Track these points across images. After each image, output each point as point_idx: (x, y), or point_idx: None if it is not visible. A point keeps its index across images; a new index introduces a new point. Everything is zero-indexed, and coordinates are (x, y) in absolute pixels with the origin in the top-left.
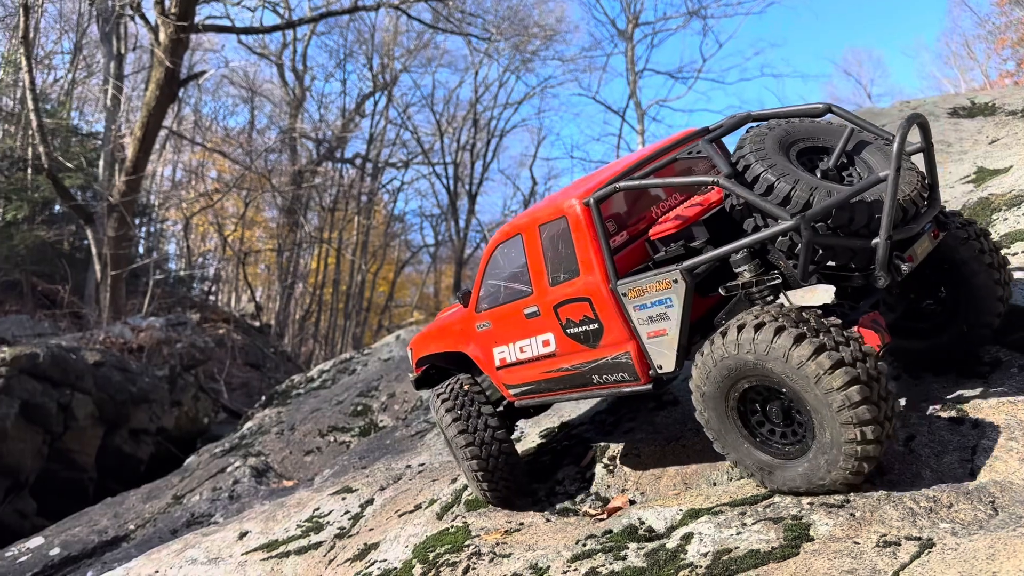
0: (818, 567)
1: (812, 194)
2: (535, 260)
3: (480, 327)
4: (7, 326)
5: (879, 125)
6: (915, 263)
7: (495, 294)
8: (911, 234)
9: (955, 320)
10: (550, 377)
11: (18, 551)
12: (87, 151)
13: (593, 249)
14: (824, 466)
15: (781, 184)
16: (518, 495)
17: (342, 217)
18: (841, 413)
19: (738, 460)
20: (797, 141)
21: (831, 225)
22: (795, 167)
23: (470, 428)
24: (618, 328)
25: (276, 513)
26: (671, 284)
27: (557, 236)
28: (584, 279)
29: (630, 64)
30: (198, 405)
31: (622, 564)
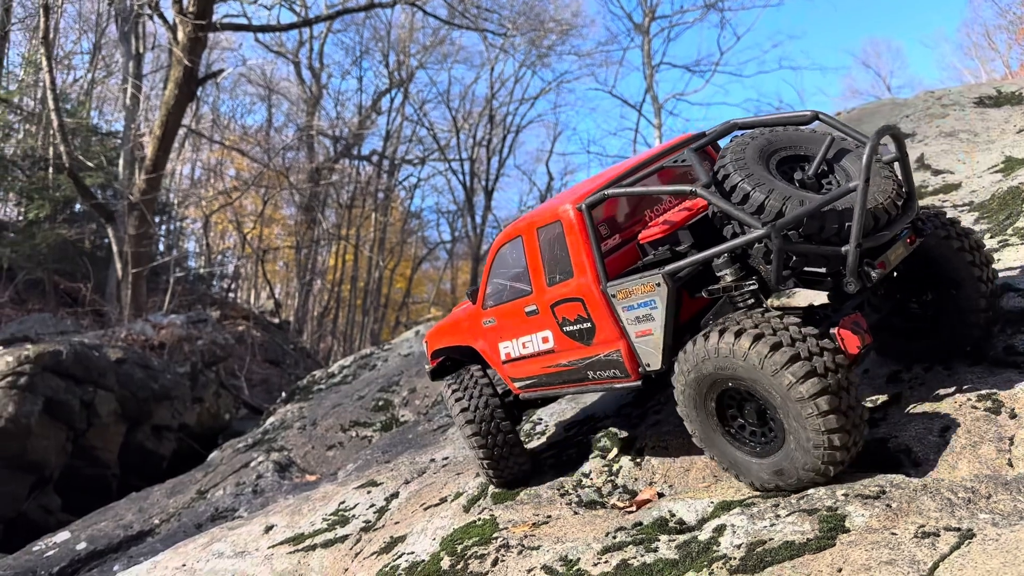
0: (855, 558)
1: (785, 203)
2: (534, 261)
3: (486, 323)
4: (30, 324)
5: (902, 116)
6: (887, 269)
7: (499, 292)
8: (883, 241)
9: (943, 318)
10: (550, 372)
11: (45, 545)
12: (107, 150)
13: (585, 252)
14: (794, 466)
15: (756, 193)
16: (522, 480)
17: (359, 214)
18: (810, 420)
19: (716, 455)
20: (779, 150)
21: (803, 233)
22: (772, 176)
23: (476, 418)
24: (609, 327)
25: (301, 507)
26: (655, 287)
27: (553, 239)
28: (577, 280)
29: (647, 58)
30: (219, 401)
31: (654, 556)
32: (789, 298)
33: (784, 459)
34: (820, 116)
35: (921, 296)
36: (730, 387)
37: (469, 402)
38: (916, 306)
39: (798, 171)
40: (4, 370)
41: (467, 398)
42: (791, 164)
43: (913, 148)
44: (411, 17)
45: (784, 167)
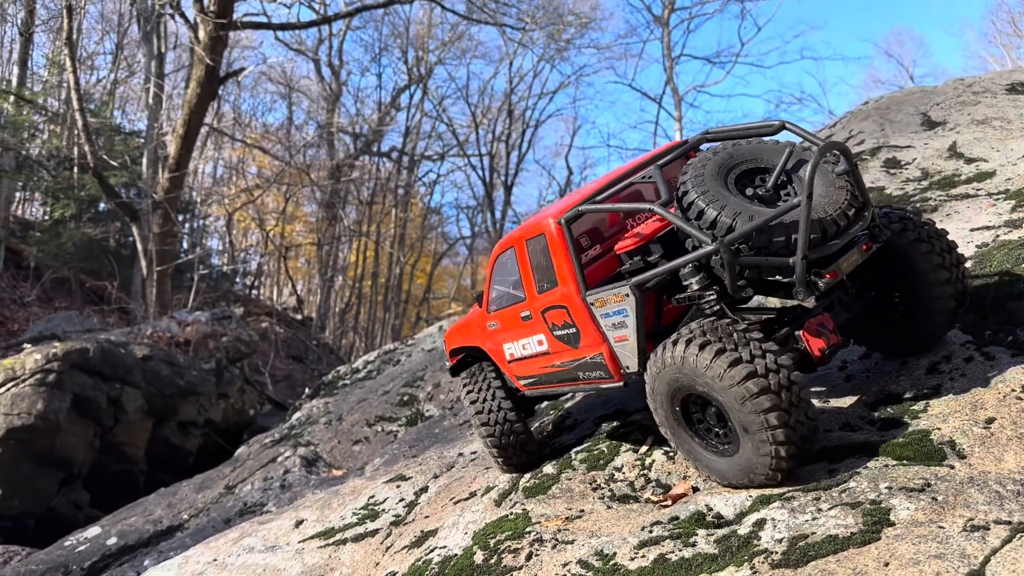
0: (903, 552)
1: (735, 219)
2: (525, 270)
3: (491, 326)
4: (57, 322)
5: (931, 104)
6: (837, 277)
7: (500, 298)
8: (834, 251)
9: (915, 314)
10: (548, 372)
11: (76, 540)
12: (130, 149)
13: (566, 263)
14: (750, 463)
15: (709, 210)
16: (528, 466)
17: (380, 210)
18: (761, 432)
19: (684, 453)
20: (739, 164)
21: (752, 246)
22: (728, 192)
23: (485, 409)
24: (592, 332)
25: (331, 501)
26: (624, 297)
27: (539, 250)
28: (561, 289)
29: (666, 50)
30: (244, 397)
31: (692, 551)
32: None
33: (741, 460)
34: (787, 125)
35: (893, 295)
36: (692, 392)
37: (479, 395)
38: (888, 304)
39: (758, 184)
40: (33, 368)
41: (476, 391)
42: (752, 177)
43: (944, 136)
44: (429, 13)
45: (744, 180)
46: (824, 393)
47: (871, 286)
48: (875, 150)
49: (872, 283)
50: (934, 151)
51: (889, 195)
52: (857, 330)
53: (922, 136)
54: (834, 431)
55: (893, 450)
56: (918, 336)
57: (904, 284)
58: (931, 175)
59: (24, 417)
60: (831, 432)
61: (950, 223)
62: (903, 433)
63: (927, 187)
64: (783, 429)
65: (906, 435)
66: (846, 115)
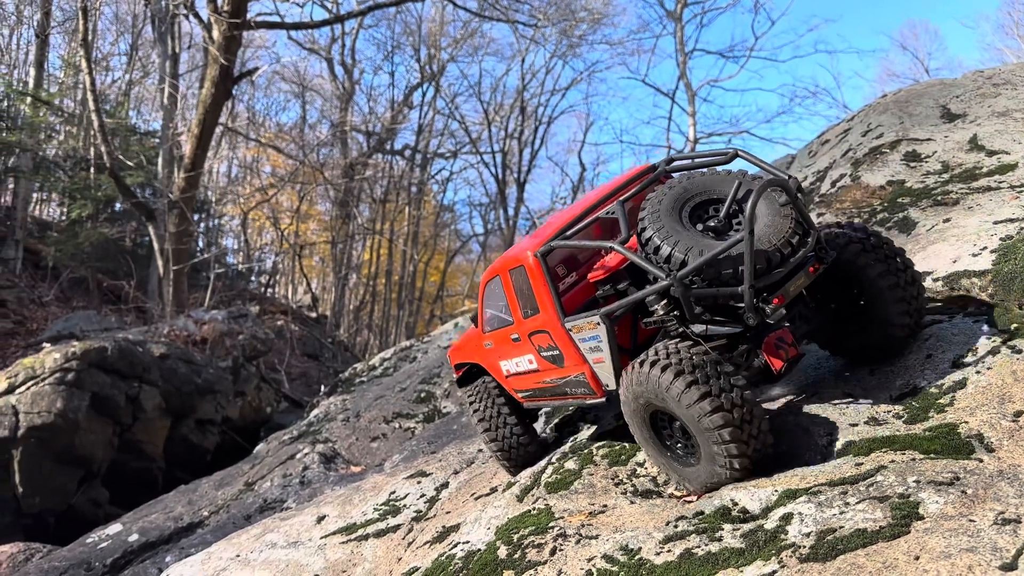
0: (933, 545)
1: (687, 254)
2: (511, 297)
3: (487, 345)
4: (75, 322)
5: (951, 96)
6: (785, 301)
7: (492, 320)
8: (779, 278)
9: (872, 326)
10: (540, 387)
11: (98, 537)
12: (146, 149)
13: (545, 293)
14: (711, 473)
15: (664, 246)
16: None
17: (393, 208)
18: (709, 435)
19: (656, 462)
20: (694, 196)
21: (704, 278)
22: (681, 226)
23: (487, 416)
24: (573, 354)
25: (352, 497)
26: (596, 325)
27: (521, 280)
28: (543, 316)
29: (679, 45)
30: (261, 395)
31: (718, 545)
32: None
33: (703, 470)
34: (739, 153)
35: (852, 308)
36: (659, 409)
37: (481, 405)
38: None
39: (712, 214)
40: (52, 367)
41: (479, 401)
42: (706, 208)
43: (965, 129)
44: (441, 11)
45: (699, 211)
46: (848, 387)
47: (832, 299)
48: (895, 143)
49: (833, 296)
50: (954, 144)
51: (909, 188)
52: (822, 337)
53: (942, 129)
54: (859, 425)
55: (920, 444)
56: (876, 347)
57: (861, 298)
58: (952, 168)
59: (44, 416)
60: (856, 426)
61: (972, 216)
62: (930, 427)
63: (948, 180)
64: (736, 444)
65: (933, 429)
66: (864, 108)
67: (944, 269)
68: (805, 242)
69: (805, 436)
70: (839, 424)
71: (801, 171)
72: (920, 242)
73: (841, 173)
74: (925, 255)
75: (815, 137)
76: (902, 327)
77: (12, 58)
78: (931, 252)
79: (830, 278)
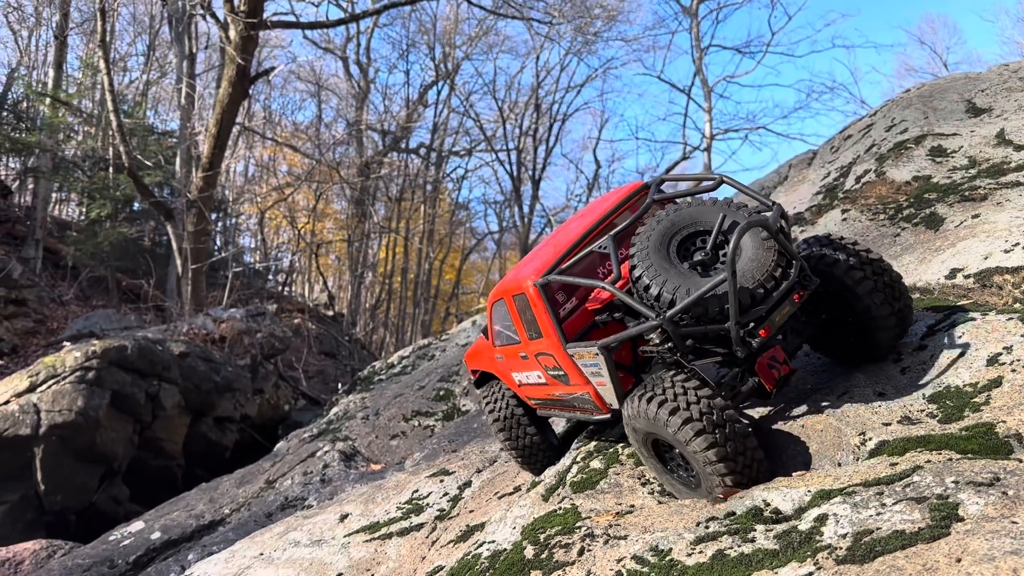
0: (975, 547)
1: (675, 294)
2: (516, 320)
3: (498, 357)
4: (95, 320)
5: (976, 91)
6: (771, 333)
7: (501, 336)
8: (761, 314)
9: (861, 334)
10: (550, 399)
11: (121, 535)
12: (164, 149)
13: (547, 320)
14: (711, 491)
15: (653, 285)
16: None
17: (408, 207)
18: (700, 456)
19: (666, 484)
20: (682, 229)
21: (692, 316)
22: (669, 263)
23: (501, 417)
24: (577, 376)
25: (375, 495)
26: (595, 355)
27: (524, 305)
28: (546, 340)
29: (695, 41)
30: (279, 393)
31: (751, 546)
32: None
33: (704, 491)
34: (725, 180)
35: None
36: (659, 438)
37: (496, 407)
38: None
39: (699, 246)
40: (73, 365)
41: (494, 403)
42: (694, 239)
43: (991, 123)
44: (456, 9)
45: (687, 243)
46: (880, 386)
47: (822, 310)
48: (919, 138)
49: (824, 308)
50: (981, 138)
51: (936, 184)
52: (818, 343)
53: (967, 123)
54: (892, 424)
55: (956, 443)
56: (866, 352)
57: (848, 309)
58: (979, 163)
59: (65, 414)
60: (889, 425)
61: (1002, 212)
62: (966, 426)
63: (975, 175)
64: (723, 463)
65: (969, 428)
66: (887, 103)
67: (975, 265)
68: (788, 274)
69: (837, 435)
70: (872, 423)
71: (824, 166)
72: (949, 238)
73: (865, 169)
74: (955, 251)
75: (837, 132)
76: (889, 332)
77: (31, 59)
78: (961, 248)
79: (821, 293)
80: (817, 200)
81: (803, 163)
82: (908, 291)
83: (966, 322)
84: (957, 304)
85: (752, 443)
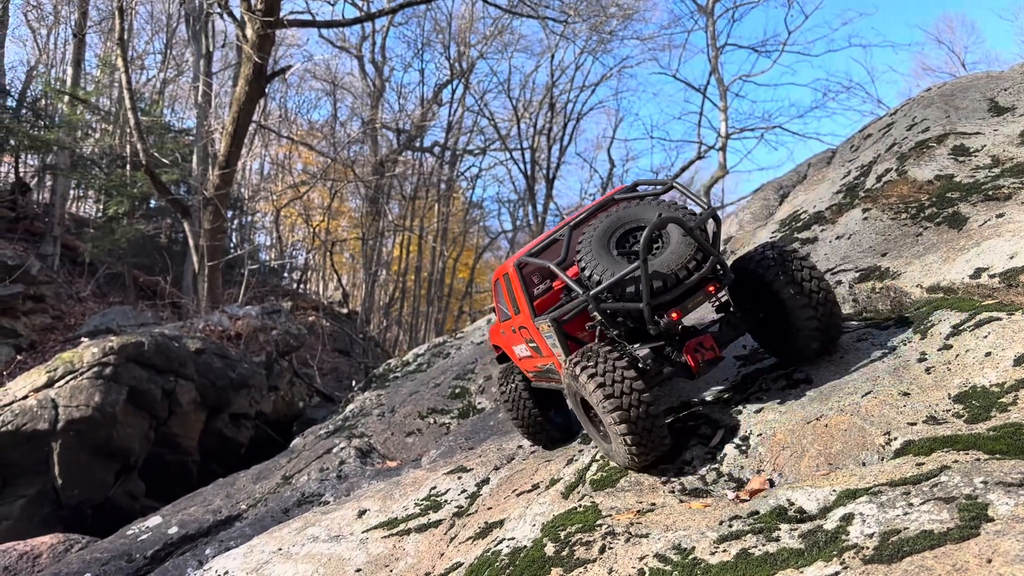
0: (1006, 548)
1: (602, 275)
2: (506, 297)
3: (502, 332)
4: (112, 317)
5: (998, 89)
6: (681, 316)
7: (501, 313)
8: (677, 295)
9: (789, 333)
10: (536, 370)
11: (138, 530)
12: (180, 147)
13: (521, 296)
14: (617, 452)
15: (587, 269)
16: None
17: (422, 205)
18: (609, 420)
19: (593, 437)
20: (624, 225)
21: (615, 296)
22: (606, 252)
23: (508, 390)
24: (544, 348)
25: (393, 492)
26: (549, 327)
27: (510, 284)
28: (523, 315)
29: (711, 40)
30: (293, 390)
31: (776, 546)
32: None
33: (612, 449)
34: (674, 184)
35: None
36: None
37: (506, 385)
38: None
39: (635, 241)
40: (90, 361)
41: (507, 382)
42: (634, 234)
43: (1014, 122)
44: (471, 8)
45: (628, 237)
46: (904, 385)
47: (758, 309)
48: (941, 137)
49: (759, 307)
50: (1004, 137)
51: (959, 183)
52: (760, 339)
53: (990, 122)
54: (917, 424)
55: (984, 443)
56: (794, 352)
57: (778, 310)
58: (1002, 162)
59: (82, 409)
60: (914, 425)
61: None
62: (993, 426)
63: (999, 174)
64: (631, 434)
65: (997, 428)
66: (907, 102)
67: (1001, 265)
68: (702, 267)
69: (861, 435)
70: (897, 423)
71: (843, 165)
72: (973, 237)
73: (887, 168)
74: (979, 251)
75: (856, 131)
76: (811, 339)
77: (50, 57)
78: (985, 248)
79: (756, 292)
80: (837, 199)
81: (822, 162)
82: (838, 304)
83: (991, 322)
84: (982, 303)
85: (660, 423)
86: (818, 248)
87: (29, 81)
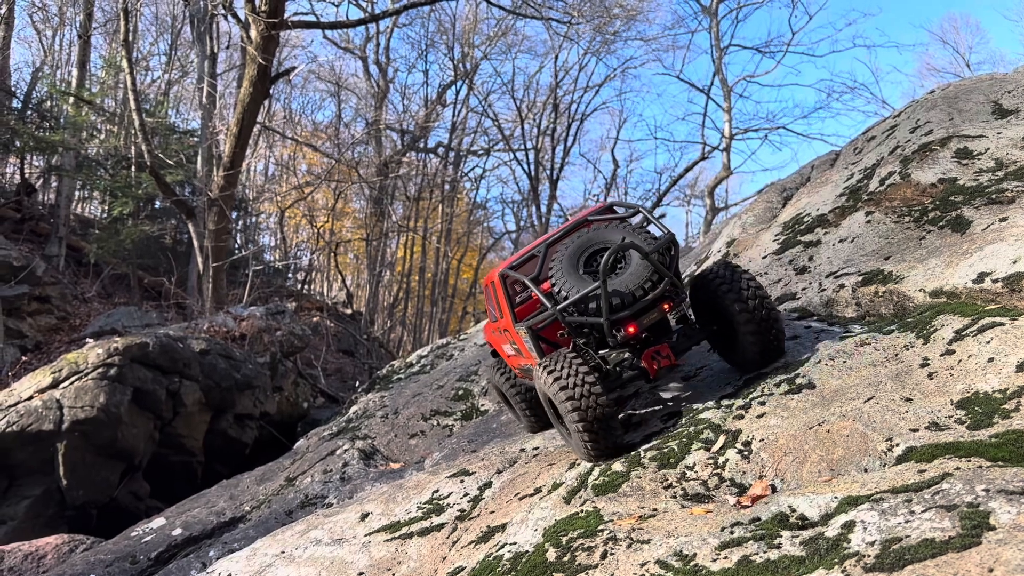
0: (1008, 557)
1: (569, 292)
2: (494, 301)
3: (493, 332)
4: (117, 317)
5: (1003, 92)
6: (637, 331)
7: (491, 315)
8: (634, 311)
9: (736, 343)
10: (521, 368)
11: (142, 531)
12: (185, 148)
13: (504, 303)
14: (577, 446)
15: (556, 286)
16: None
17: (426, 206)
18: (568, 417)
19: (559, 432)
20: (592, 246)
21: (579, 311)
22: (574, 271)
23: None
24: (524, 350)
25: (395, 495)
26: (525, 332)
27: (497, 290)
28: (506, 320)
29: (715, 40)
30: (297, 390)
31: (777, 553)
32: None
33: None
34: (640, 209)
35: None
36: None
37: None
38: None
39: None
40: (95, 362)
41: (496, 370)
42: (600, 255)
43: (1018, 125)
44: (475, 9)
45: (595, 257)
46: (906, 390)
47: (712, 322)
48: (944, 140)
49: (711, 320)
50: (1008, 140)
51: (962, 186)
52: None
53: (994, 125)
54: (919, 430)
55: (986, 451)
56: (743, 359)
57: (727, 323)
58: (1006, 165)
59: (87, 410)
60: (916, 431)
61: None
62: (995, 433)
63: (1003, 178)
64: (587, 431)
65: (999, 435)
66: (911, 104)
67: (1004, 270)
68: (656, 287)
69: (863, 441)
70: (899, 429)
71: (847, 168)
72: (976, 241)
73: (890, 171)
74: (983, 255)
75: (860, 133)
76: (752, 349)
77: (55, 59)
78: (989, 252)
79: (710, 306)
80: (840, 202)
81: (825, 164)
82: (781, 320)
83: (994, 327)
84: (985, 309)
85: (615, 424)
86: (821, 251)
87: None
